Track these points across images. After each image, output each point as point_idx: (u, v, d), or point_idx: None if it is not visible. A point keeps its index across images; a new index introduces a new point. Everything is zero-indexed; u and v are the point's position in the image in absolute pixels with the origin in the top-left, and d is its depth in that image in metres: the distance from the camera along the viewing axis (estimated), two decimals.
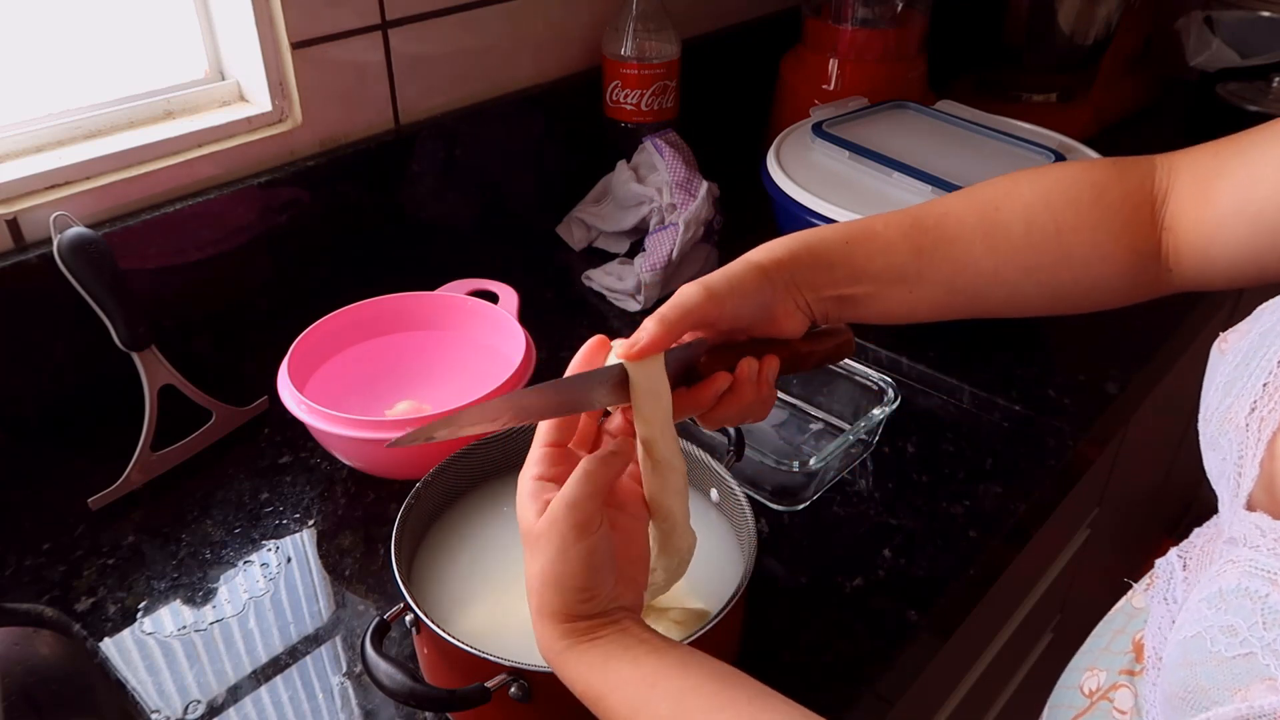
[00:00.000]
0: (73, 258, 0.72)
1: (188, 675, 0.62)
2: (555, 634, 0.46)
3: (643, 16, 1.05)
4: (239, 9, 0.83)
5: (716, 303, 0.50)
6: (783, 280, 0.53)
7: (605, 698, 0.44)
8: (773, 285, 0.52)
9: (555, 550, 0.45)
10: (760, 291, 0.51)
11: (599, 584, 0.45)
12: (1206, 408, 0.42)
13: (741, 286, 0.51)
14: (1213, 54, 1.33)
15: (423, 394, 0.82)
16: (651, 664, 0.44)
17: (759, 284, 0.51)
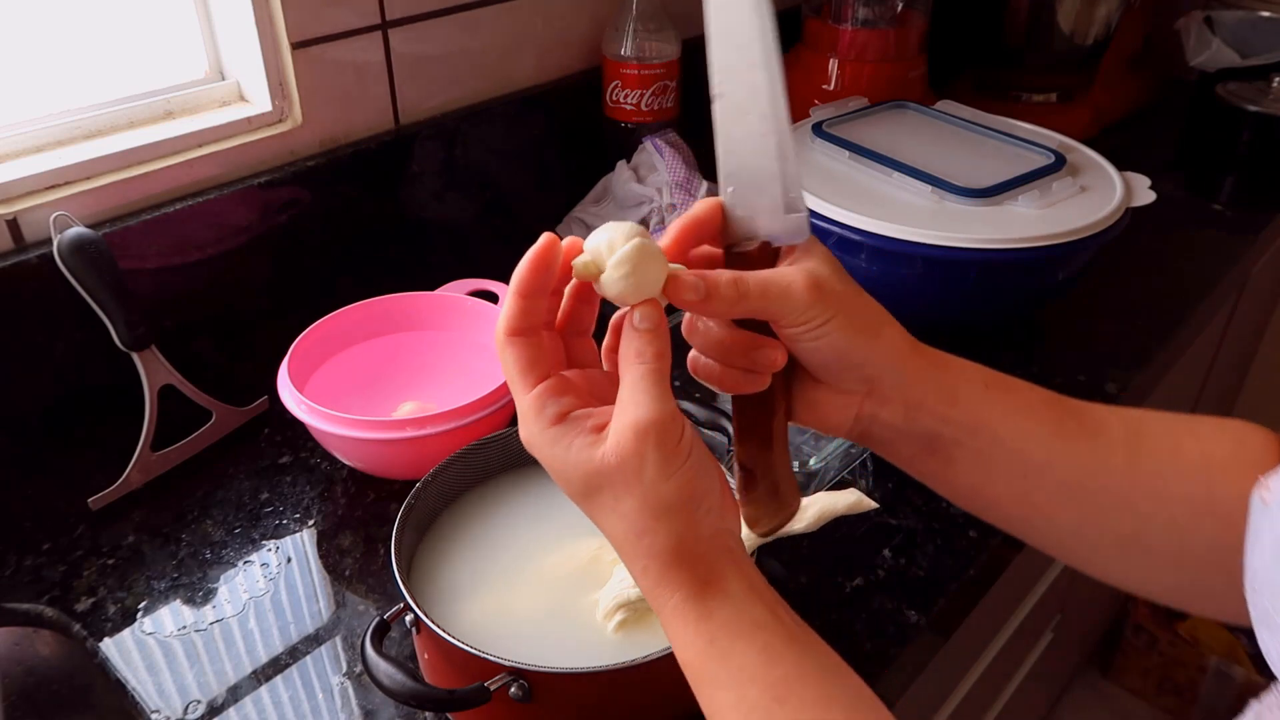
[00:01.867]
0: (73, 258, 0.72)
1: (188, 675, 0.62)
2: (681, 583, 0.39)
3: (643, 16, 1.05)
4: (239, 9, 0.83)
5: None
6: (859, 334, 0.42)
7: (719, 669, 0.39)
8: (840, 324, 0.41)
9: (653, 474, 0.38)
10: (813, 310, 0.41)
11: (708, 495, 0.40)
12: (1254, 575, 0.36)
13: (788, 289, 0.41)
14: (1213, 54, 1.33)
15: (423, 394, 0.82)
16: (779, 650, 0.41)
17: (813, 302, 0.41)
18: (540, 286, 0.41)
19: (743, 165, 0.42)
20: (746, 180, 0.42)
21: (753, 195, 0.42)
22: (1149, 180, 0.94)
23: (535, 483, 0.69)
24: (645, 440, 0.38)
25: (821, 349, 0.42)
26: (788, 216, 0.42)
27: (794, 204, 0.42)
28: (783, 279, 0.40)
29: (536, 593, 0.61)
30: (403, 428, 0.70)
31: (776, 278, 0.41)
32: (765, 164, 0.42)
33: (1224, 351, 1.46)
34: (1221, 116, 1.30)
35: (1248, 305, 1.43)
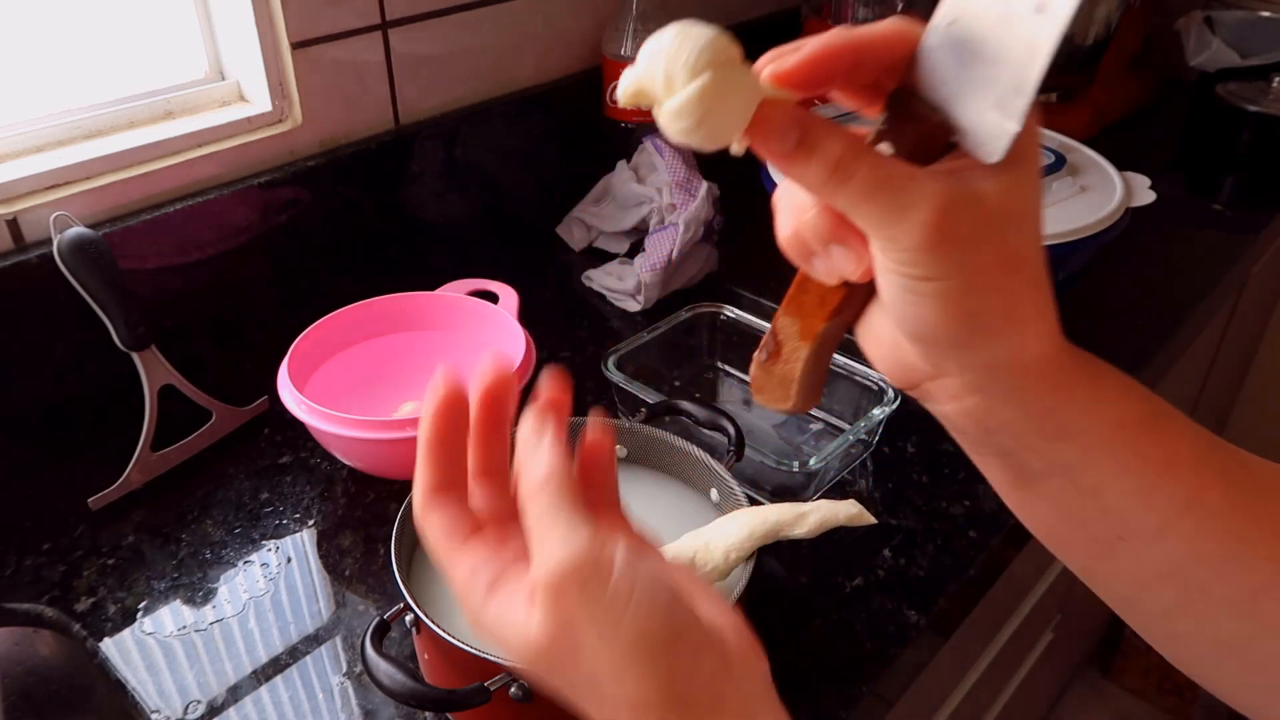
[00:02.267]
0: (73, 258, 0.72)
1: (188, 675, 0.62)
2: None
3: (643, 16, 1.05)
4: (239, 9, 0.83)
5: None
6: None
7: None
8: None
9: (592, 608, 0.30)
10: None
11: (686, 626, 0.33)
12: None
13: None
14: (1213, 54, 1.33)
15: (423, 394, 0.82)
16: None
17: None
18: (453, 427, 0.34)
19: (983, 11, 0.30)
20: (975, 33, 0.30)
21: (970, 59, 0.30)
22: (1149, 180, 0.94)
23: None
24: (562, 597, 0.30)
25: (906, 305, 0.31)
26: (992, 117, 0.30)
27: (1012, 108, 0.29)
28: (907, 192, 0.29)
29: None
30: (403, 428, 0.70)
31: (900, 185, 0.30)
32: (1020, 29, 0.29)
33: (1224, 351, 1.46)
34: (1221, 116, 1.30)
35: (1248, 305, 1.43)
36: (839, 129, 0.31)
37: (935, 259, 0.30)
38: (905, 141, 0.32)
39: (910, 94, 0.32)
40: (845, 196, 0.30)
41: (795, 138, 0.30)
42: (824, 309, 0.36)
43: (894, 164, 0.30)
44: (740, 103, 0.30)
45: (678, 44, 0.29)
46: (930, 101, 0.32)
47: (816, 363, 0.38)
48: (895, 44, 0.32)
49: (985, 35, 0.30)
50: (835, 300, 0.35)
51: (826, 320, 0.36)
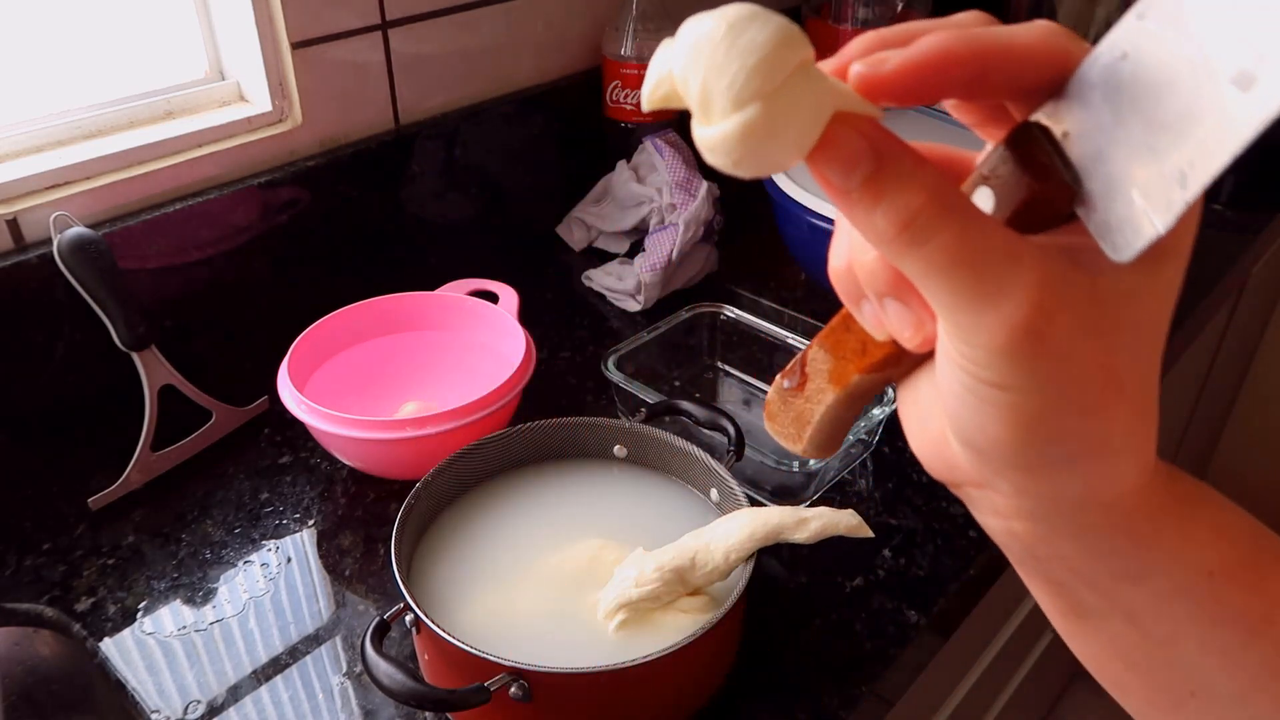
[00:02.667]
0: (73, 258, 0.72)
1: (188, 675, 0.62)
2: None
3: (643, 16, 1.05)
4: (239, 9, 0.83)
5: None
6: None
7: None
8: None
9: None
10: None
11: None
12: None
13: None
14: None
15: (423, 394, 0.82)
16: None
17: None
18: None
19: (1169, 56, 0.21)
20: (1152, 82, 0.22)
21: (1134, 114, 0.22)
22: None
23: (535, 483, 0.69)
24: None
25: (964, 406, 0.25)
26: (1137, 203, 0.22)
27: (1167, 200, 0.22)
28: (999, 276, 0.23)
29: (537, 593, 0.61)
30: (403, 428, 0.70)
31: (992, 266, 0.23)
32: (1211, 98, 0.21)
33: (1224, 351, 1.46)
34: None
35: (1248, 305, 1.43)
36: (925, 168, 0.23)
37: (1016, 367, 0.23)
38: (1015, 196, 0.24)
39: (1041, 135, 0.24)
40: (916, 263, 0.23)
41: (865, 172, 0.23)
42: (864, 359, 0.29)
43: (989, 234, 0.23)
44: (803, 123, 0.23)
45: (724, 53, 0.22)
46: (1065, 153, 0.24)
47: (841, 413, 0.32)
48: (1043, 63, 0.24)
49: (1164, 90, 0.21)
50: (879, 355, 0.29)
51: (863, 372, 0.29)
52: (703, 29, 0.23)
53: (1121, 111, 0.22)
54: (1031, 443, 0.25)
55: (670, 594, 0.58)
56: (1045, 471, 0.25)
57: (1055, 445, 0.25)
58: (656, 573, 0.57)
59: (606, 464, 0.70)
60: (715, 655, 0.59)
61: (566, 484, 0.69)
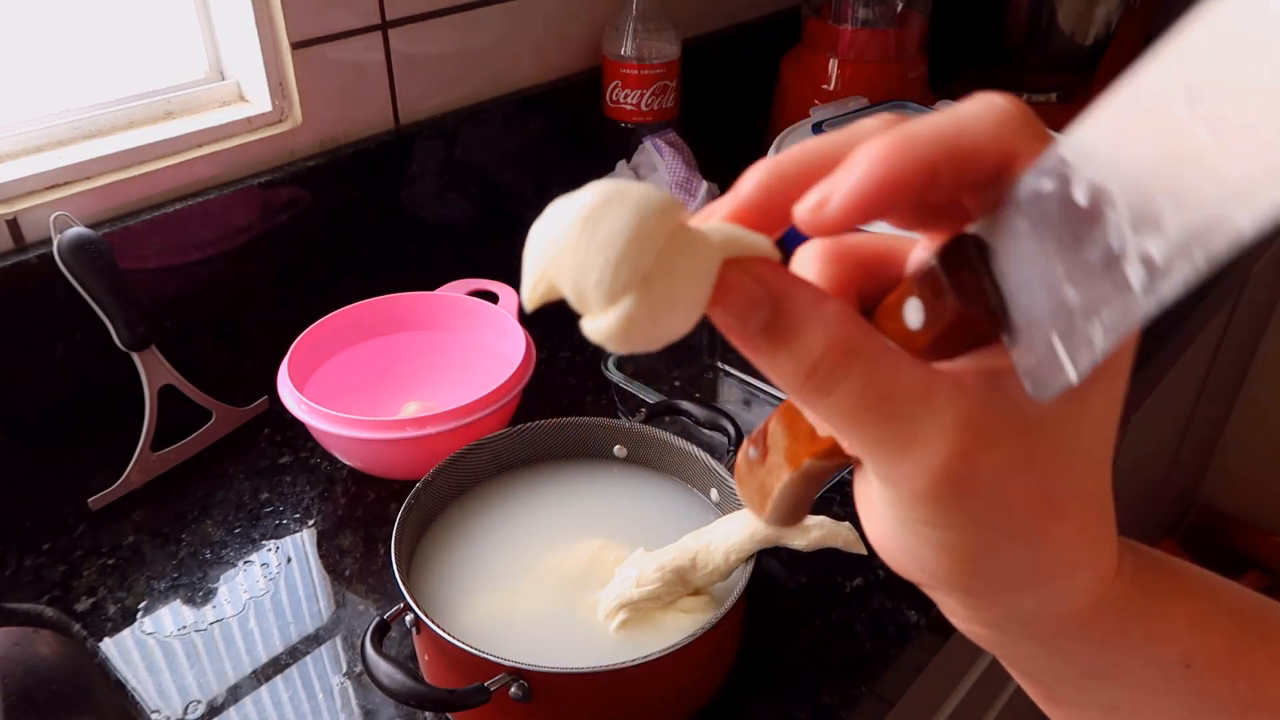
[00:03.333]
0: (73, 258, 0.72)
1: (188, 675, 0.62)
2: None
3: (643, 16, 1.05)
4: (239, 9, 0.83)
5: None
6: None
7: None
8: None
9: None
10: None
11: None
12: None
13: None
14: None
15: (423, 394, 0.82)
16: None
17: None
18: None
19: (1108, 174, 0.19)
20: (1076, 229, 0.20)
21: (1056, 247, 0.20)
22: None
23: (535, 483, 0.69)
24: None
25: (902, 539, 0.24)
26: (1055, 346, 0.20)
27: (1081, 350, 0.20)
28: (914, 422, 0.21)
29: (537, 593, 0.61)
30: (403, 428, 0.70)
31: (904, 412, 0.21)
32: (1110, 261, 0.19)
33: (1224, 351, 1.46)
34: None
35: (1247, 305, 1.43)
36: (826, 307, 0.22)
37: (943, 510, 0.22)
38: (942, 317, 0.22)
39: (974, 251, 0.22)
40: (824, 412, 0.22)
41: (762, 320, 0.22)
42: (813, 445, 0.27)
43: (900, 375, 0.21)
44: (687, 293, 0.22)
45: (584, 251, 0.21)
46: (997, 273, 0.21)
47: (798, 490, 0.30)
48: (991, 165, 0.21)
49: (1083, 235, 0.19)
50: (826, 445, 0.27)
51: (813, 457, 0.28)
52: (559, 227, 0.22)
53: (1047, 243, 0.20)
54: (973, 574, 0.24)
55: (671, 594, 0.58)
56: (992, 595, 0.24)
57: (998, 576, 0.24)
58: (657, 573, 0.57)
59: (606, 464, 0.70)
60: (715, 655, 0.59)
61: (566, 484, 0.69)
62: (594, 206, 0.21)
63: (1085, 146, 0.20)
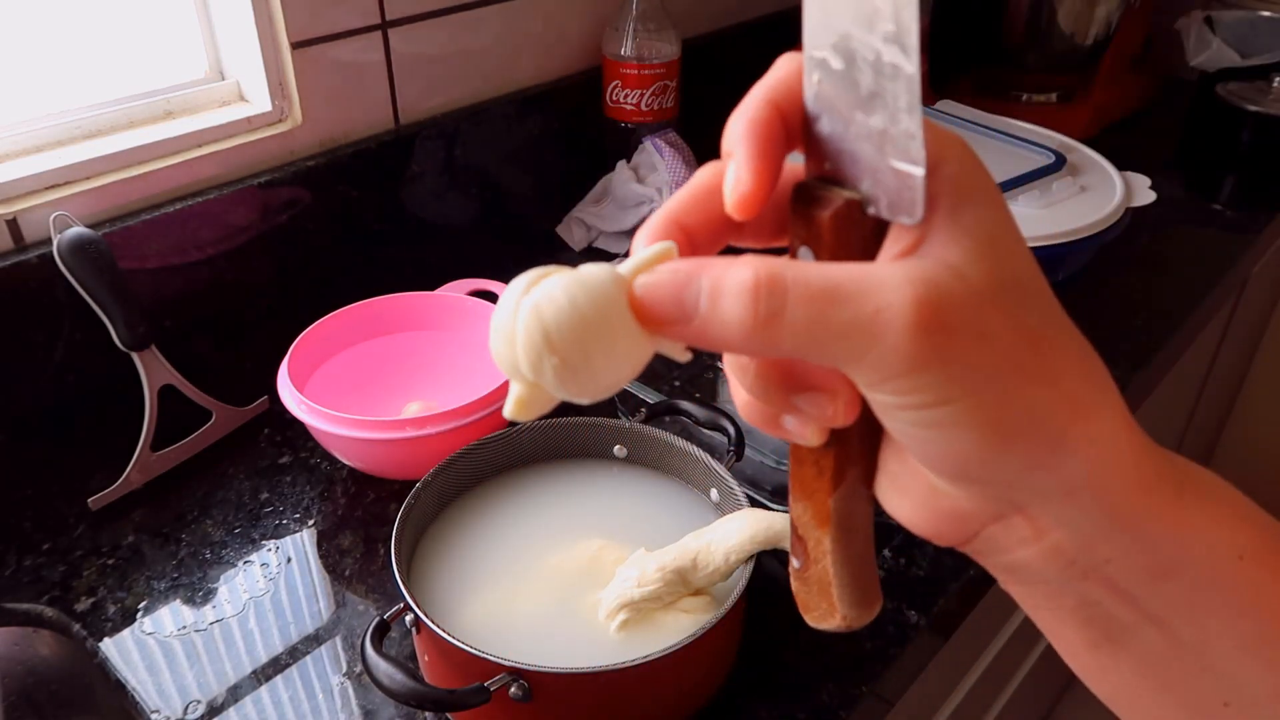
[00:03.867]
0: (73, 258, 0.72)
1: (188, 675, 0.62)
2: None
3: (643, 16, 1.05)
4: (239, 9, 0.83)
5: None
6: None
7: None
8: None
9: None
10: None
11: None
12: None
13: None
14: (1213, 54, 1.33)
15: (422, 394, 0.82)
16: None
17: None
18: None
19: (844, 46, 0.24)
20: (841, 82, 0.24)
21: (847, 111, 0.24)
22: (1149, 180, 0.94)
23: (535, 483, 0.69)
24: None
25: (929, 445, 0.24)
26: (895, 166, 0.23)
27: (906, 146, 0.23)
28: (866, 295, 0.22)
29: (537, 593, 0.61)
30: (403, 428, 0.70)
31: (852, 290, 0.22)
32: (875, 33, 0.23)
33: (1224, 351, 1.46)
34: (1221, 116, 1.30)
35: (1248, 305, 1.43)
36: (740, 260, 0.23)
37: (939, 371, 0.22)
38: (825, 236, 0.24)
39: (816, 183, 0.25)
40: (791, 339, 0.22)
41: (691, 301, 0.23)
42: (824, 478, 0.27)
43: (829, 272, 0.22)
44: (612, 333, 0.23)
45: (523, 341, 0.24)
46: (837, 180, 0.25)
47: (849, 552, 0.29)
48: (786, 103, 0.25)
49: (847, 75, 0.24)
50: (831, 461, 0.27)
51: (832, 492, 0.27)
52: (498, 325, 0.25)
53: (840, 115, 0.24)
54: (1006, 439, 0.23)
55: (672, 594, 0.58)
56: (1044, 462, 0.23)
57: (1030, 431, 0.23)
58: (658, 573, 0.57)
59: (606, 464, 0.70)
60: (715, 655, 0.59)
61: (566, 484, 0.69)
62: (499, 318, 0.25)
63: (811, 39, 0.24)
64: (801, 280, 0.22)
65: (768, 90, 0.25)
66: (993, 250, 0.23)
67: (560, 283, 0.23)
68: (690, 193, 0.26)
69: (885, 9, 0.22)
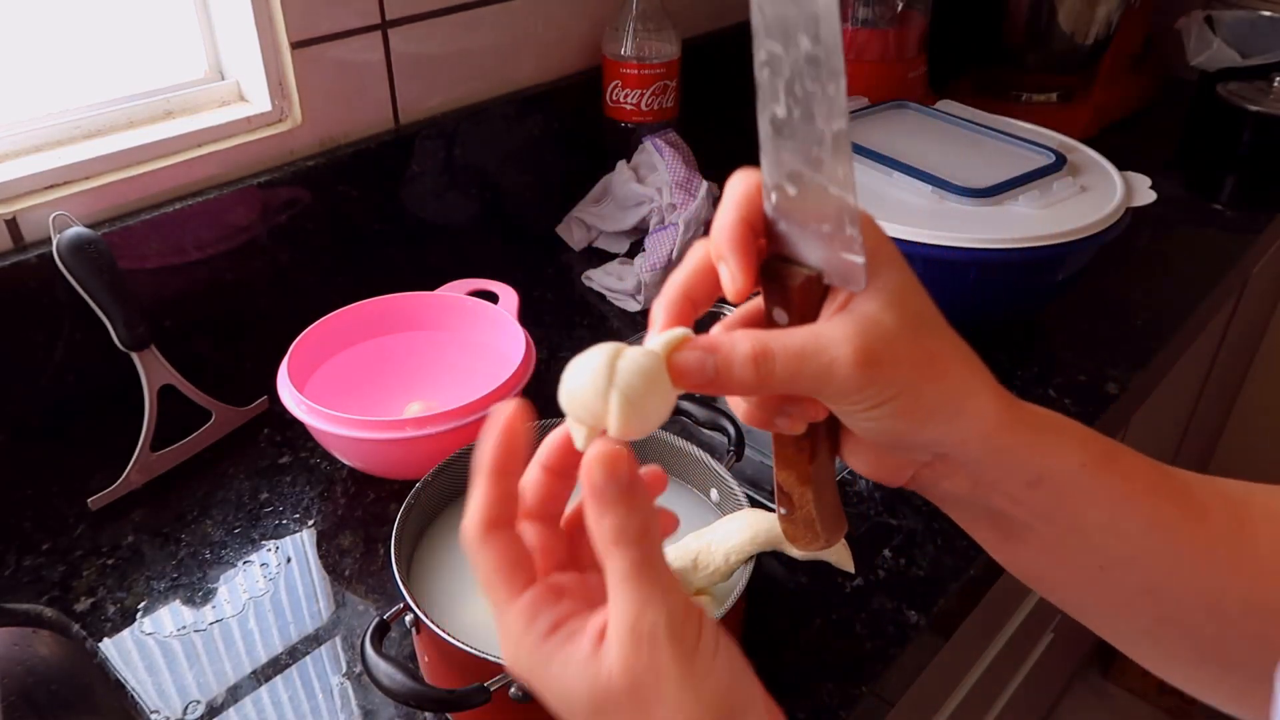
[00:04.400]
0: (72, 258, 0.72)
1: (188, 675, 0.62)
2: None
3: (643, 16, 1.05)
4: (239, 9, 0.83)
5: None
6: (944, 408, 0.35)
7: None
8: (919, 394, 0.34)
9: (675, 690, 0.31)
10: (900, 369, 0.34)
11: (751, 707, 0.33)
12: None
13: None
14: (1213, 54, 1.33)
15: (422, 394, 0.82)
16: None
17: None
18: (515, 459, 0.34)
19: (800, 176, 0.34)
20: (793, 199, 0.34)
21: (801, 220, 0.34)
22: (1149, 180, 0.94)
23: None
24: (654, 647, 0.31)
25: (872, 428, 0.35)
26: (841, 255, 0.33)
27: (851, 245, 0.33)
28: (823, 351, 0.33)
29: None
30: (403, 428, 0.70)
31: (814, 349, 0.33)
32: (822, 174, 0.33)
33: (1224, 351, 1.46)
34: (1221, 116, 1.30)
35: (1248, 305, 1.43)
36: (739, 338, 0.34)
37: (875, 388, 0.33)
38: (792, 301, 0.36)
39: (778, 260, 0.36)
40: (778, 384, 0.34)
41: (711, 369, 0.34)
42: (803, 454, 0.39)
43: (795, 336, 0.34)
44: (660, 393, 0.34)
45: (585, 373, 0.33)
46: (795, 259, 0.35)
47: (824, 498, 0.41)
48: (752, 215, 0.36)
49: (800, 198, 0.34)
50: (808, 444, 0.39)
51: (810, 462, 0.39)
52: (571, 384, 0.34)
53: (795, 222, 0.35)
54: (924, 417, 0.35)
55: None
56: (947, 429, 0.35)
57: (938, 411, 0.35)
58: None
59: None
60: None
61: None
62: (576, 363, 0.34)
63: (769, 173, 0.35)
64: (780, 347, 0.34)
65: (736, 208, 0.35)
66: (899, 299, 0.34)
67: (632, 356, 0.34)
68: (691, 271, 0.37)
69: (828, 161, 0.32)
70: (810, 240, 0.34)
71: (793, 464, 0.40)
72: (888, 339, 0.33)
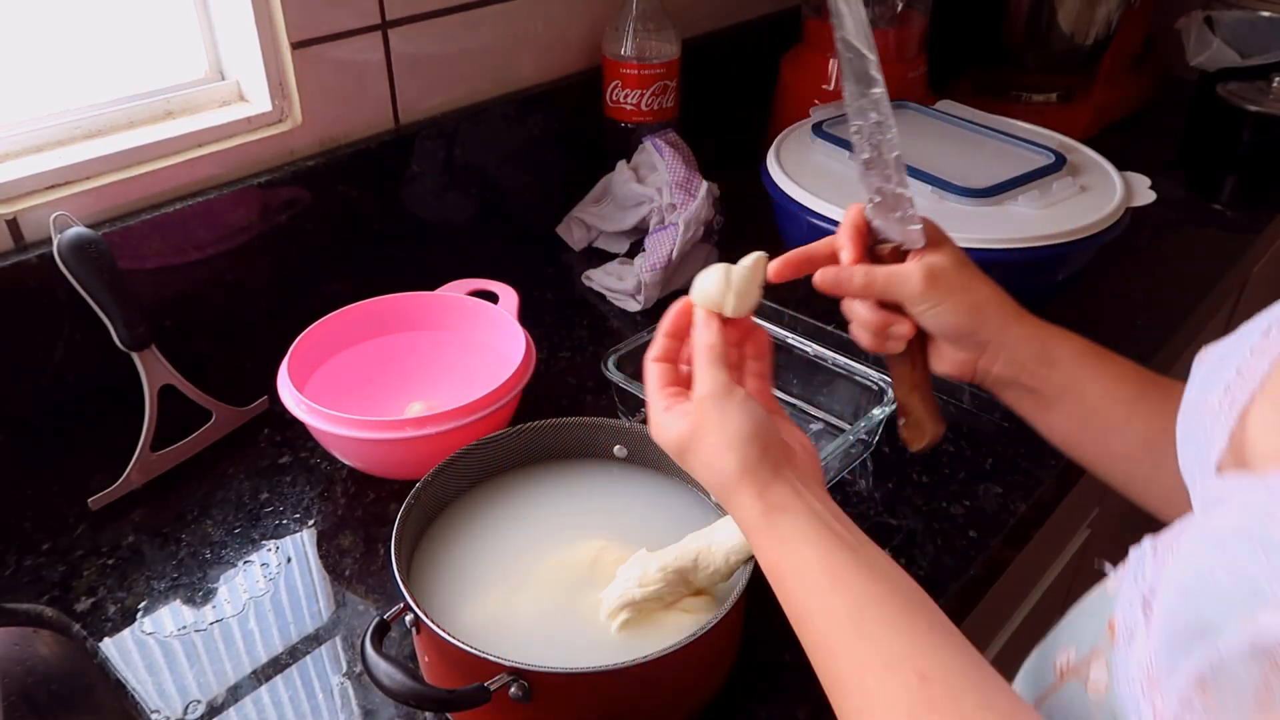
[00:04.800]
0: (73, 258, 0.72)
1: (188, 675, 0.62)
2: (747, 499, 0.48)
3: (643, 16, 1.05)
4: (239, 9, 0.83)
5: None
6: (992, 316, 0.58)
7: (786, 577, 0.47)
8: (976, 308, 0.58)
9: (716, 417, 0.50)
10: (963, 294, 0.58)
11: (766, 432, 0.49)
12: (1184, 406, 0.45)
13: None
14: (1213, 54, 1.33)
15: (422, 394, 0.82)
16: (839, 559, 0.46)
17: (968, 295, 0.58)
18: (680, 330, 0.56)
19: (881, 189, 0.58)
20: (881, 200, 0.58)
21: (886, 213, 0.59)
22: (1149, 180, 0.94)
23: (536, 483, 0.69)
24: (711, 402, 0.50)
25: (937, 323, 0.58)
26: (908, 229, 0.58)
27: (912, 219, 0.58)
28: (905, 273, 0.57)
29: (537, 592, 0.61)
30: (402, 428, 0.70)
31: (900, 271, 0.58)
32: (891, 184, 0.58)
33: None
34: (1221, 116, 1.30)
35: (1248, 305, 1.43)
36: (859, 270, 0.59)
37: (934, 293, 0.57)
38: (886, 261, 0.59)
39: (877, 242, 0.60)
40: (878, 290, 0.58)
41: (860, 282, 0.59)
42: (906, 366, 0.62)
43: (891, 266, 0.59)
44: (756, 288, 0.56)
45: (717, 278, 0.55)
46: (883, 238, 0.60)
47: (927, 399, 0.62)
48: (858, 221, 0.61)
49: (882, 203, 0.59)
50: (908, 360, 0.61)
51: (913, 369, 0.61)
52: (711, 279, 0.55)
53: (883, 217, 0.59)
54: (969, 313, 0.58)
55: (673, 594, 0.58)
56: (982, 324, 0.58)
57: (980, 310, 0.58)
58: (660, 573, 0.57)
59: (606, 464, 0.70)
60: (716, 655, 0.59)
61: (566, 484, 0.69)
62: (712, 270, 0.56)
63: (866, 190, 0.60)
64: (879, 273, 0.58)
65: (848, 218, 0.60)
66: (948, 252, 0.59)
67: (739, 269, 0.55)
68: (818, 245, 0.61)
69: (895, 177, 0.58)
70: (891, 224, 0.59)
71: (901, 378, 0.62)
72: (941, 267, 0.57)
